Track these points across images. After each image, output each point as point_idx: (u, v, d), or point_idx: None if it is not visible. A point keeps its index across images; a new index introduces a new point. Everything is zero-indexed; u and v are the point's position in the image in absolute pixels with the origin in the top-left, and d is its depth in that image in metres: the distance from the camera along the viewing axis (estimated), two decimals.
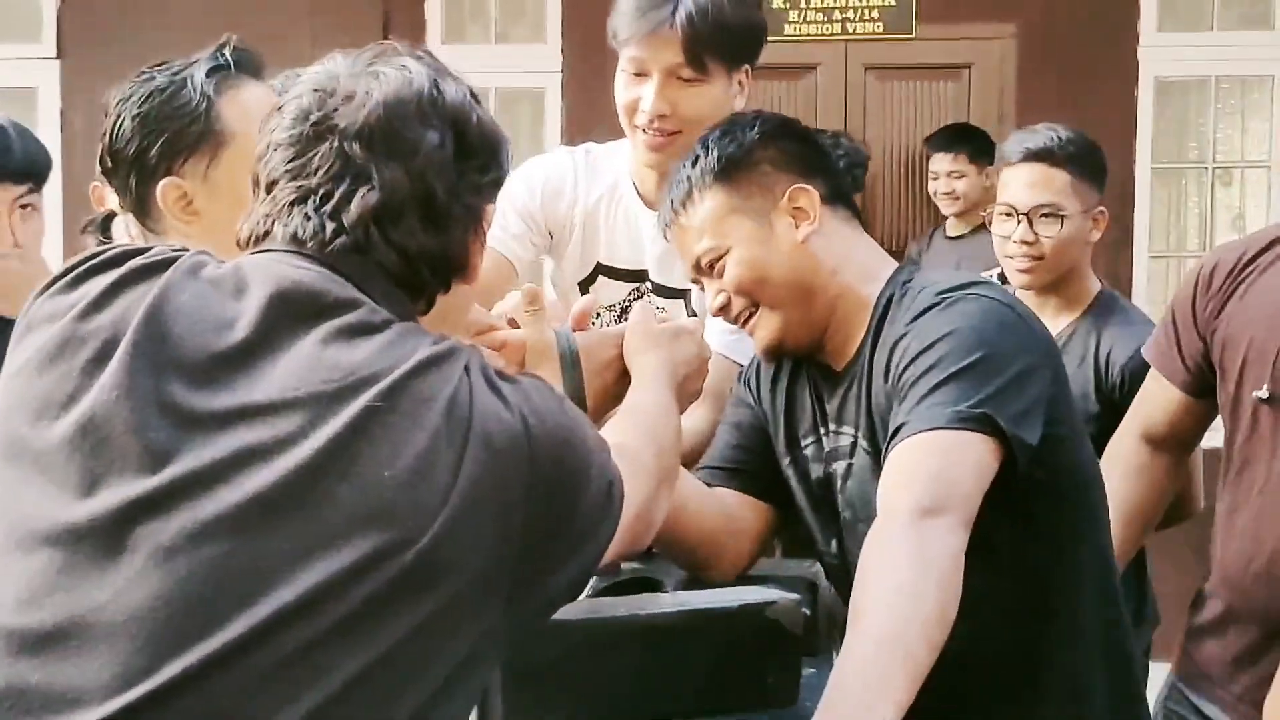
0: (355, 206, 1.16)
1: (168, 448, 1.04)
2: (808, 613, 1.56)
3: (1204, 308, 2.02)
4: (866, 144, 4.93)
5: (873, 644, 1.25)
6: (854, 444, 1.66)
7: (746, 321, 1.72)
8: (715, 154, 1.71)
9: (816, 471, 1.74)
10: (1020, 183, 2.60)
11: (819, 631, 1.71)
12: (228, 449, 1.04)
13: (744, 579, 1.76)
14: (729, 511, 1.78)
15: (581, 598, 1.53)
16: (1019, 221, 2.58)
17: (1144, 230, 5.07)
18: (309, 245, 1.17)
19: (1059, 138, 2.59)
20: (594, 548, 1.18)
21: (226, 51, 1.66)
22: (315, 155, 1.18)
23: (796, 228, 1.69)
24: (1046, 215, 2.57)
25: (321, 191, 1.17)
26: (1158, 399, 2.17)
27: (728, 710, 1.49)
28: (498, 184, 1.27)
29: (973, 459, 1.43)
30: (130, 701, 0.97)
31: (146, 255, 1.16)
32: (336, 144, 1.17)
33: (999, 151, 2.74)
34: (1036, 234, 2.57)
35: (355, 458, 1.04)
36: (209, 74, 1.64)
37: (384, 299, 1.17)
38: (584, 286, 2.26)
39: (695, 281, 1.78)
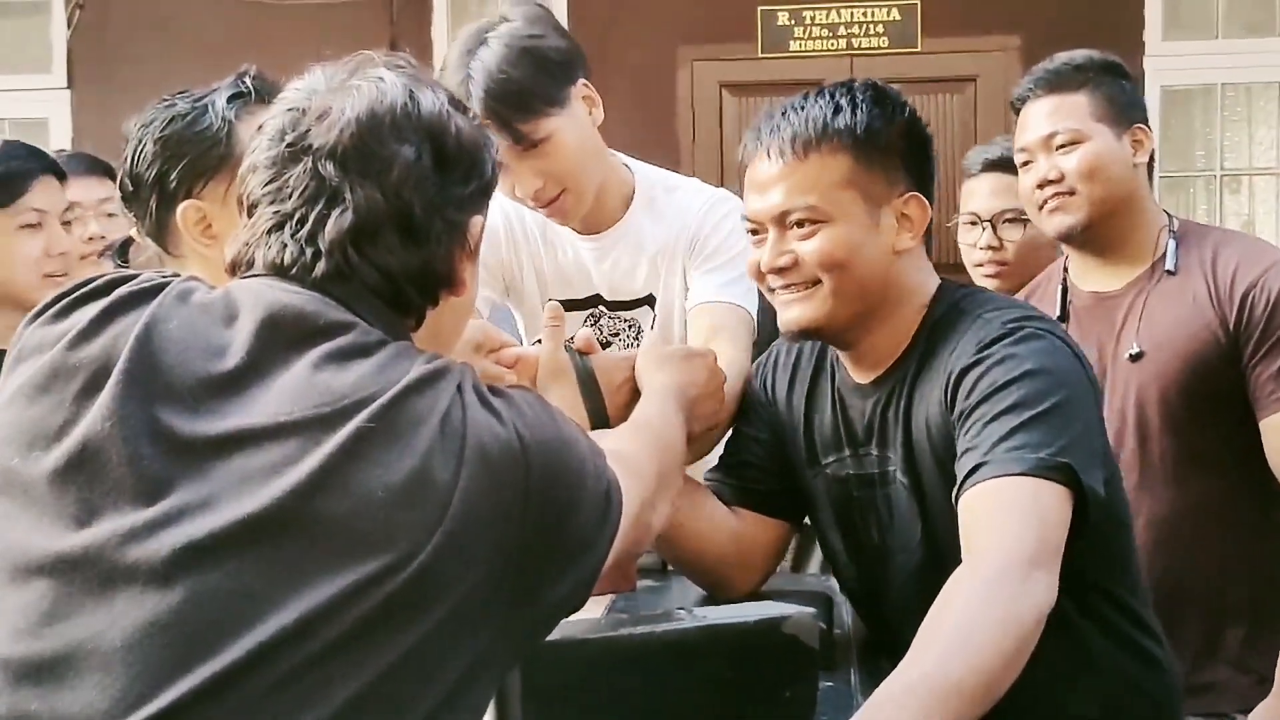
0: (330, 229, 1.14)
1: (162, 476, 1.04)
2: (824, 627, 1.56)
3: None
4: None
5: (927, 681, 1.21)
6: (890, 471, 1.62)
7: (797, 290, 1.61)
8: (862, 118, 1.59)
9: (842, 491, 1.68)
10: (983, 192, 2.68)
11: (836, 646, 1.70)
12: (222, 476, 1.04)
13: (759, 594, 1.76)
14: (743, 529, 1.77)
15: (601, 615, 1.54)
16: (983, 229, 2.65)
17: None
18: (293, 272, 1.16)
19: None
20: (592, 558, 1.17)
21: (247, 79, 1.68)
22: (291, 176, 1.16)
23: (898, 233, 1.61)
24: (1009, 220, 2.63)
25: (297, 215, 1.16)
26: None
27: None
28: (483, 193, 1.24)
29: (1057, 511, 1.39)
30: None
31: (135, 283, 1.16)
32: (310, 164, 1.16)
33: (962, 164, 2.81)
34: (1001, 239, 2.64)
35: (349, 480, 1.03)
36: (229, 100, 1.65)
37: (375, 318, 1.15)
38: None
39: (755, 231, 1.63)
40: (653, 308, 2.18)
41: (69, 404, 1.07)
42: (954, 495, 1.44)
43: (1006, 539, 1.35)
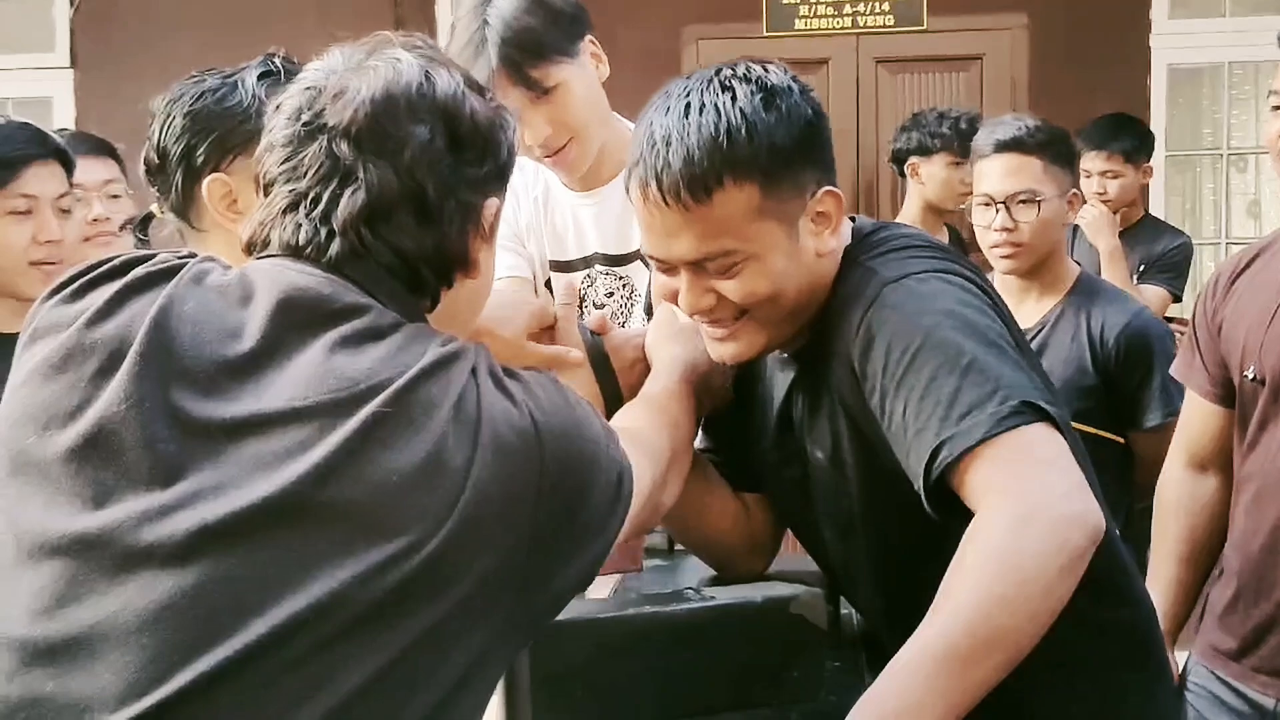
0: (343, 208, 1.15)
1: (178, 459, 1.04)
2: (831, 607, 1.56)
3: (1212, 311, 2.19)
4: (877, 139, 4.92)
5: (938, 645, 1.16)
6: (808, 448, 1.55)
7: (724, 326, 1.49)
8: (761, 138, 1.41)
9: (774, 471, 1.65)
10: (996, 173, 2.69)
11: (843, 626, 1.71)
12: (237, 459, 1.04)
13: (766, 575, 1.76)
14: (748, 507, 1.75)
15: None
16: (997, 210, 2.66)
17: (1160, 218, 5.05)
18: (307, 252, 1.16)
19: (1028, 127, 2.70)
20: (602, 541, 1.18)
21: (276, 59, 1.69)
22: (306, 155, 1.17)
23: (817, 237, 1.47)
24: (1023, 201, 2.66)
25: (311, 194, 1.17)
26: (1195, 418, 2.25)
27: (753, 705, 1.49)
28: (499, 175, 1.25)
29: (1053, 446, 1.28)
30: (142, 710, 0.98)
31: (151, 263, 1.16)
32: (325, 143, 1.16)
33: (972, 145, 2.81)
34: (1015, 220, 2.65)
35: (363, 466, 1.04)
36: (259, 78, 1.66)
37: (390, 300, 1.16)
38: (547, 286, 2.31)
39: (665, 269, 1.49)
40: (646, 265, 2.21)
41: (85, 384, 1.08)
42: (921, 486, 1.31)
43: (1026, 487, 1.24)
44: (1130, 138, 4.04)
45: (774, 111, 1.42)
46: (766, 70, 1.47)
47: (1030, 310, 2.68)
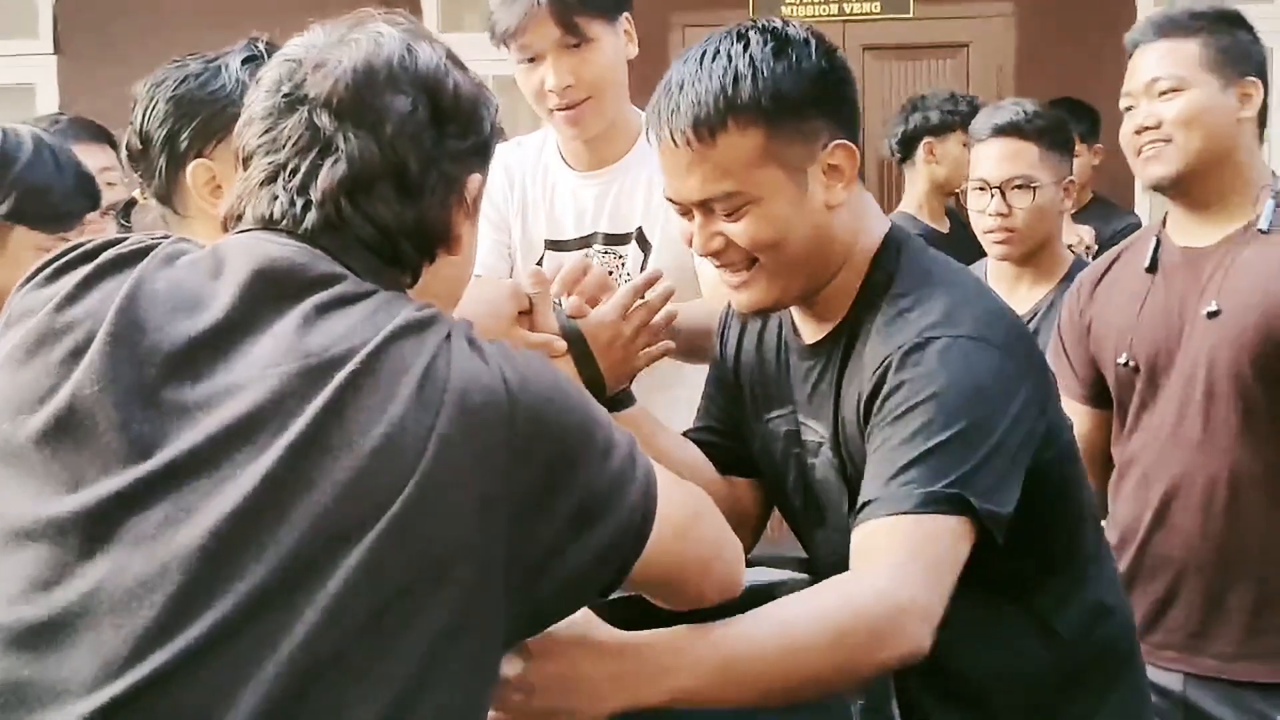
0: (323, 179, 1.14)
1: (152, 438, 1.04)
2: None
3: (1079, 313, 2.30)
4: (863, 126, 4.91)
5: (763, 653, 1.28)
6: (819, 443, 1.59)
7: (736, 272, 1.54)
8: (767, 83, 1.46)
9: (781, 447, 1.65)
10: (992, 157, 2.68)
11: None
12: (211, 433, 1.03)
13: (751, 560, 1.75)
14: (734, 491, 1.75)
15: None
16: (992, 195, 2.66)
17: (1145, 207, 5.06)
18: (282, 224, 1.15)
19: (1026, 112, 2.68)
20: (610, 525, 1.13)
21: (260, 44, 1.69)
22: (285, 127, 1.16)
23: (828, 189, 1.51)
24: (1019, 187, 2.65)
25: (290, 165, 1.15)
26: None
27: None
28: (481, 150, 1.23)
29: (949, 546, 1.37)
30: (119, 692, 0.97)
31: (122, 246, 1.15)
32: (305, 114, 1.15)
33: (970, 129, 2.80)
34: (1010, 205, 2.64)
35: (334, 430, 1.02)
36: (244, 63, 1.66)
37: (366, 272, 1.14)
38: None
39: (682, 211, 1.55)
40: (641, 246, 2.23)
41: (56, 367, 1.07)
42: (850, 524, 1.42)
43: (890, 577, 1.34)
44: (1080, 121, 4.09)
45: (783, 60, 1.47)
46: (786, 25, 1.53)
47: (1023, 297, 2.67)
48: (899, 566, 1.34)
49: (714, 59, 1.48)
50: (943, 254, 1.62)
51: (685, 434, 1.80)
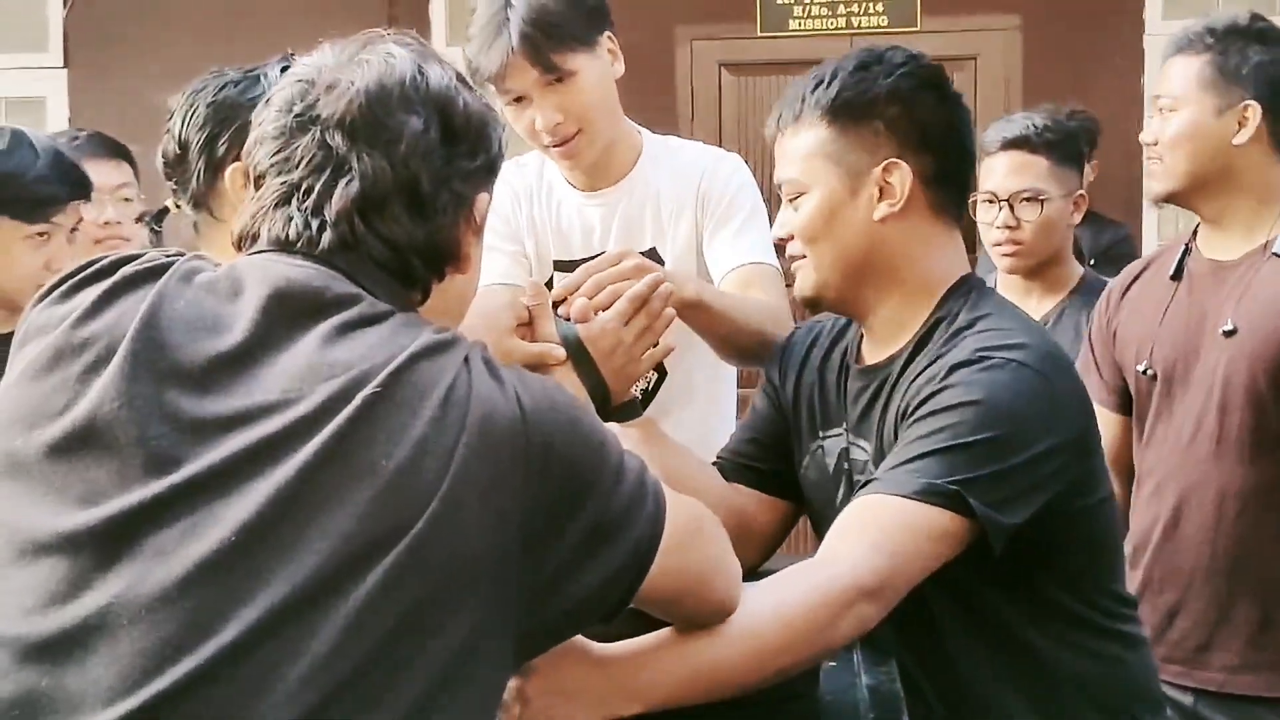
0: (337, 199, 1.15)
1: (171, 455, 1.04)
2: None
3: (1107, 321, 2.31)
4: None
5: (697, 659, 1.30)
6: (866, 463, 1.61)
7: (797, 261, 1.65)
8: (837, 89, 1.60)
9: (839, 468, 1.67)
10: (1000, 170, 2.68)
11: None
12: (230, 453, 1.04)
13: (759, 573, 1.75)
14: (740, 503, 1.77)
15: None
16: (1000, 208, 2.65)
17: (1153, 219, 5.06)
18: (298, 246, 1.16)
19: (1036, 125, 2.68)
20: (622, 547, 1.14)
21: (294, 57, 1.71)
22: (298, 147, 1.17)
23: (876, 203, 1.58)
24: (1027, 200, 2.65)
25: (304, 185, 1.16)
26: None
27: (747, 702, 1.48)
28: (489, 169, 1.25)
29: (931, 539, 1.39)
30: (137, 705, 0.97)
31: (139, 263, 1.16)
32: (318, 134, 1.16)
33: (980, 142, 2.79)
34: (1018, 219, 2.64)
35: (356, 451, 1.03)
36: (282, 73, 1.68)
37: (381, 291, 1.16)
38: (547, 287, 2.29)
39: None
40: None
41: (73, 383, 1.08)
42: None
43: (854, 555, 1.37)
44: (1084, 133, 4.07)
45: (862, 73, 1.61)
46: (902, 50, 1.66)
47: (1031, 310, 2.64)
48: (863, 558, 1.37)
49: (823, 68, 1.64)
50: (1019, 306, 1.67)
51: (725, 447, 1.83)
